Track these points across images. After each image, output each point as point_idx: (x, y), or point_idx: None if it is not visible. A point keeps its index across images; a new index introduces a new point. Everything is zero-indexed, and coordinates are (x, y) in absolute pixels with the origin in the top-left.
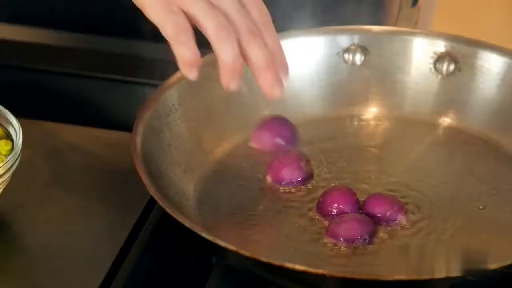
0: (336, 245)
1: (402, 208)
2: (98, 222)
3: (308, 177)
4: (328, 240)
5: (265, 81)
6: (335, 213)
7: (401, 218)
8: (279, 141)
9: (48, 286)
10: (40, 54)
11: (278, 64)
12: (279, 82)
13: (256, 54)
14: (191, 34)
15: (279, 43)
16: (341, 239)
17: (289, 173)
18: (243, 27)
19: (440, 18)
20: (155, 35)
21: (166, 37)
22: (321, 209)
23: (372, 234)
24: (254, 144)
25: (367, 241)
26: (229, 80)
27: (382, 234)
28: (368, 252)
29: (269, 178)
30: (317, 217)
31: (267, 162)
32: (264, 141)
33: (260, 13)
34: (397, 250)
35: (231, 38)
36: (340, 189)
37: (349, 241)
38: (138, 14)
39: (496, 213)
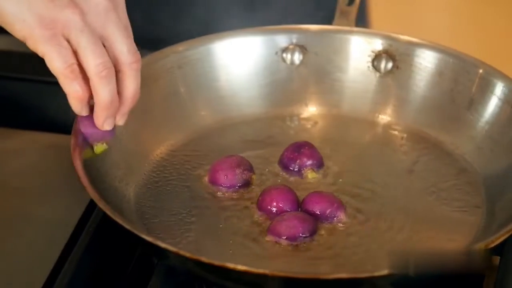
0: (277, 243)
1: (342, 205)
2: (39, 224)
3: (244, 184)
4: (269, 238)
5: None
6: (275, 212)
7: (341, 216)
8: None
9: None
10: None
11: (120, 113)
12: (110, 122)
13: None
14: (78, 69)
15: (137, 92)
16: (283, 237)
17: (224, 179)
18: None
19: (378, 16)
20: None
21: (53, 71)
22: (261, 207)
23: (313, 231)
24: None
25: (308, 238)
26: (104, 119)
27: (323, 231)
28: (310, 249)
29: (206, 179)
30: (257, 216)
31: (207, 163)
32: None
33: (133, 58)
34: (338, 247)
35: (112, 78)
36: (278, 188)
37: (291, 239)
38: None
39: (436, 211)
